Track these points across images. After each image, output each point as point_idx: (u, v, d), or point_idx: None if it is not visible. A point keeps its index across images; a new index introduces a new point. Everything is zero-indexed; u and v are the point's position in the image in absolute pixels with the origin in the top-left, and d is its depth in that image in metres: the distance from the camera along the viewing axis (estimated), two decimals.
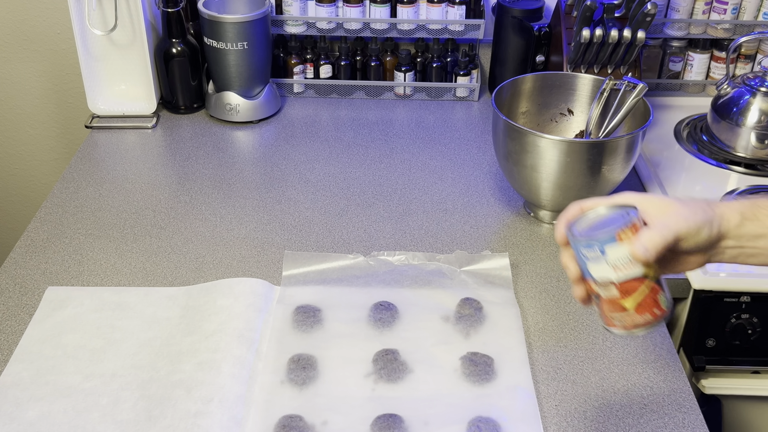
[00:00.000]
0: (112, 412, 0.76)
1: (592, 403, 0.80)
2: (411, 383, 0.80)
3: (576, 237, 0.62)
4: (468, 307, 0.89)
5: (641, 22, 1.17)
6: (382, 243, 1.03)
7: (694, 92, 1.44)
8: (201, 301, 0.90)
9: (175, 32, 1.27)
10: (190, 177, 1.17)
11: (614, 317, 0.61)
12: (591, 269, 0.61)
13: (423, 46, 1.40)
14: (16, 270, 0.97)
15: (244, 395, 0.78)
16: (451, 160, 1.23)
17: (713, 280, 0.98)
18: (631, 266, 0.60)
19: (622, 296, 0.60)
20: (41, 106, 1.51)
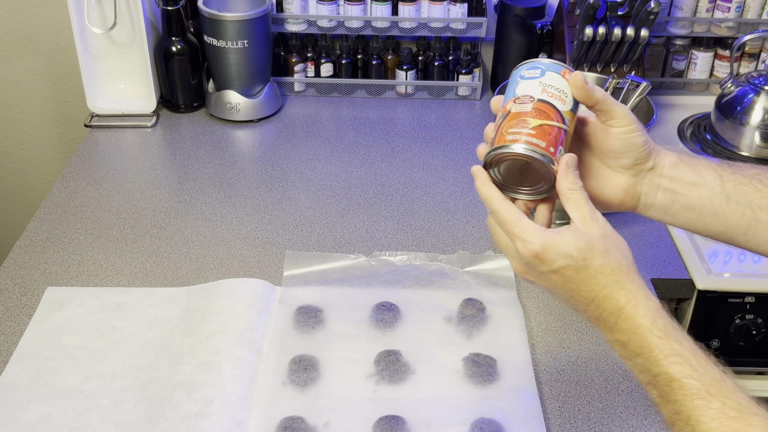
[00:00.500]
0: (113, 413, 0.76)
1: (596, 404, 0.80)
2: (413, 384, 0.80)
3: (522, 65, 0.62)
4: (470, 307, 0.89)
5: (644, 20, 1.16)
6: (384, 243, 1.02)
7: (698, 91, 1.43)
8: (202, 301, 0.90)
9: (175, 30, 1.27)
10: (190, 176, 1.17)
11: (510, 130, 0.60)
12: (519, 87, 0.61)
13: (425, 45, 1.40)
14: (16, 270, 0.96)
15: (245, 396, 0.78)
16: (453, 160, 1.22)
17: (717, 280, 0.97)
18: (558, 98, 0.60)
19: (533, 114, 0.60)
20: (40, 105, 1.51)
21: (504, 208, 0.59)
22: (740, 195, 0.63)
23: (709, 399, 0.51)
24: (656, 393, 0.54)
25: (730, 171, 0.64)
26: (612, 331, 0.57)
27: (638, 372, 0.56)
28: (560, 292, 0.59)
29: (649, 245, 1.03)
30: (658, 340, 0.54)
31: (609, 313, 0.57)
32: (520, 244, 0.58)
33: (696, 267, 0.99)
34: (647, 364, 0.54)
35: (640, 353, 0.55)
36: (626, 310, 0.56)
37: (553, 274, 0.58)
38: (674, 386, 0.52)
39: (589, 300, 0.57)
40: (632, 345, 0.55)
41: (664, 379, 0.53)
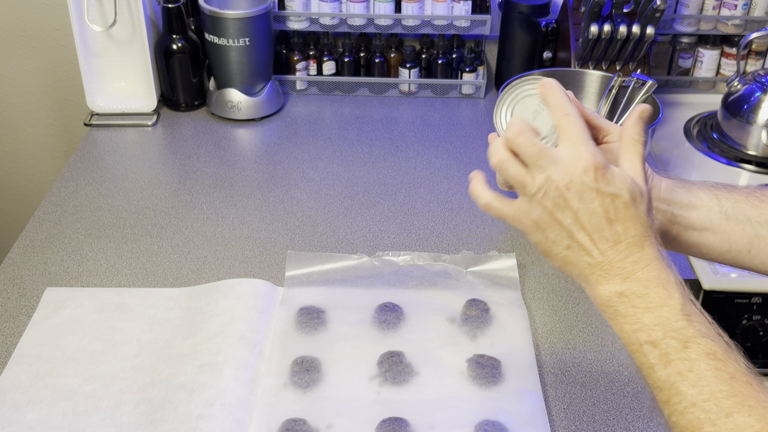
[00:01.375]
0: (113, 415, 0.76)
1: (601, 406, 0.79)
2: (416, 386, 0.80)
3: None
4: (474, 308, 0.88)
5: (650, 17, 1.16)
6: (387, 243, 1.02)
7: (704, 89, 1.43)
8: (202, 302, 0.89)
9: (176, 28, 1.26)
10: (191, 176, 1.17)
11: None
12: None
13: (428, 42, 1.39)
14: (15, 271, 0.96)
15: (246, 398, 0.77)
16: (457, 159, 1.22)
17: (724, 280, 0.97)
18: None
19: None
20: (39, 104, 1.50)
21: (578, 119, 0.57)
22: (738, 212, 0.63)
23: (724, 362, 0.50)
24: (657, 352, 0.52)
25: (725, 190, 0.64)
26: (626, 280, 0.54)
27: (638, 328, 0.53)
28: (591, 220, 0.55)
29: None
30: (683, 298, 0.53)
31: (634, 260, 0.54)
32: (590, 153, 0.55)
33: (702, 267, 0.98)
34: (662, 318, 0.52)
35: (657, 306, 0.53)
36: (657, 261, 0.54)
37: (602, 196, 0.54)
38: (691, 344, 0.51)
39: (621, 238, 0.55)
40: (650, 297, 0.53)
41: (680, 335, 0.51)
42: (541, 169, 0.56)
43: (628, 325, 0.54)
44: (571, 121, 0.57)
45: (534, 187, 0.57)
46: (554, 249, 0.57)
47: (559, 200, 0.56)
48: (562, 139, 0.57)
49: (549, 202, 0.56)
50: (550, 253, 0.58)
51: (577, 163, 0.55)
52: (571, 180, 0.55)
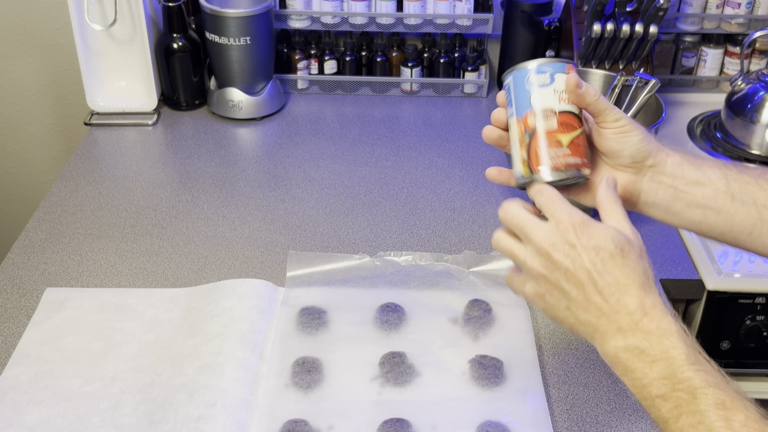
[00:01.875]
0: (113, 416, 0.76)
1: (605, 407, 0.79)
2: (418, 387, 0.80)
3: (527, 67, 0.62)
4: (477, 308, 0.88)
5: (653, 16, 1.16)
6: (389, 243, 1.02)
7: (708, 88, 1.43)
8: (203, 302, 0.89)
9: (176, 27, 1.26)
10: (191, 175, 1.16)
11: (546, 154, 0.62)
12: (534, 98, 0.62)
13: (430, 41, 1.39)
14: (14, 271, 0.96)
15: (247, 399, 0.77)
16: (459, 158, 1.22)
17: (727, 281, 0.97)
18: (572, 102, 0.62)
19: (560, 129, 0.61)
20: (39, 103, 1.50)
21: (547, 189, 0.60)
22: (745, 194, 0.63)
23: (734, 411, 0.50)
24: (668, 406, 0.52)
25: (736, 170, 0.64)
26: (627, 334, 0.55)
27: (648, 383, 0.53)
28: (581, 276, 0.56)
29: (659, 245, 1.02)
30: (686, 347, 0.53)
31: (630, 312, 0.55)
32: (566, 213, 0.57)
33: (706, 267, 0.98)
34: (670, 370, 0.52)
35: (663, 358, 0.53)
36: (655, 311, 0.54)
37: (588, 252, 0.56)
38: (699, 395, 0.51)
39: (612, 290, 0.55)
40: (654, 349, 0.53)
41: (688, 387, 0.51)
42: (526, 237, 0.59)
43: (638, 380, 0.54)
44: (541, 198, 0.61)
45: (524, 255, 0.59)
46: (558, 313, 0.59)
47: (548, 263, 0.58)
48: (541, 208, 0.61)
49: (540, 267, 0.58)
50: (557, 317, 0.60)
51: (556, 226, 0.57)
52: (554, 241, 0.57)
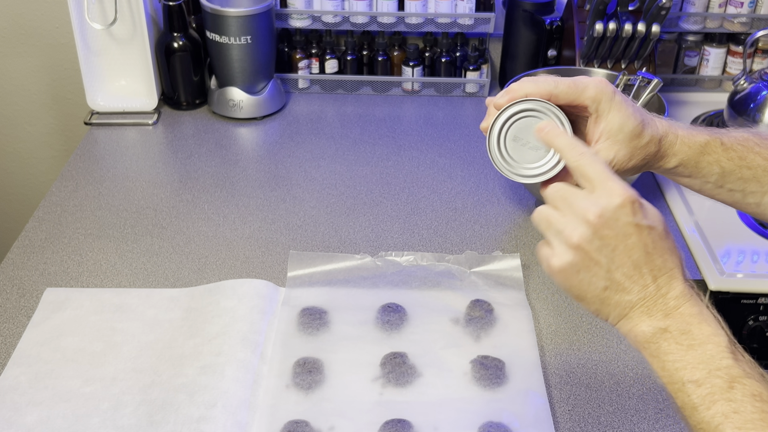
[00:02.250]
0: (113, 417, 0.76)
1: (606, 407, 0.79)
2: (420, 387, 0.79)
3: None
4: (478, 309, 0.88)
5: (656, 15, 1.16)
6: (390, 243, 1.01)
7: (710, 88, 1.42)
8: (204, 302, 0.89)
9: (177, 26, 1.26)
10: (192, 175, 1.16)
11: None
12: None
13: (431, 41, 1.39)
14: (14, 271, 0.96)
15: (248, 400, 0.77)
16: (461, 158, 1.21)
17: (730, 281, 0.96)
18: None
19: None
20: (39, 103, 1.50)
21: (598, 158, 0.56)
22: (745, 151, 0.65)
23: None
24: (702, 392, 0.50)
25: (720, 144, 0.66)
26: (669, 317, 0.53)
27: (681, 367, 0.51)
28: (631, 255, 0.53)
29: None
30: (726, 335, 0.52)
31: (676, 295, 0.53)
32: (620, 187, 0.53)
33: (708, 267, 0.97)
34: (709, 356, 0.51)
35: (704, 343, 0.51)
36: (694, 297, 0.53)
37: (640, 230, 0.53)
38: (736, 384, 0.49)
39: (662, 271, 0.53)
40: (694, 334, 0.52)
41: (726, 374, 0.50)
42: (570, 206, 0.55)
43: (671, 363, 0.52)
44: (587, 160, 0.56)
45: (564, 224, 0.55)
46: (590, 291, 0.55)
47: (594, 239, 0.54)
48: (583, 180, 0.56)
49: (582, 238, 0.54)
50: (585, 296, 0.56)
51: (610, 199, 0.53)
52: (608, 217, 0.53)
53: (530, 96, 0.61)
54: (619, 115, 0.61)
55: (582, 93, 0.61)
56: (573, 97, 0.61)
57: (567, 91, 0.61)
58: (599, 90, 0.61)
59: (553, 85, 0.61)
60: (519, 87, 0.61)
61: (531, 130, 0.62)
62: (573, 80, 0.61)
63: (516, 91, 0.61)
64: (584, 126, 0.64)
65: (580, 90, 0.61)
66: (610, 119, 0.61)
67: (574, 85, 0.61)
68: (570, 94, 0.61)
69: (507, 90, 0.63)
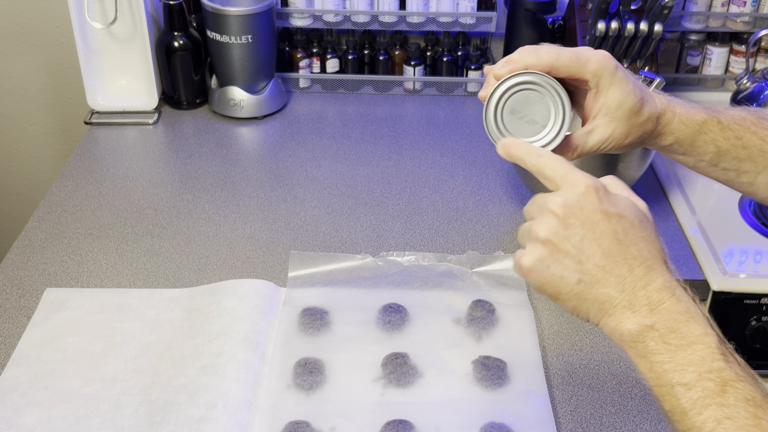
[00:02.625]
0: (113, 417, 0.75)
1: (609, 408, 0.79)
2: (421, 388, 0.79)
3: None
4: (480, 309, 0.88)
5: (658, 14, 1.16)
6: (391, 243, 1.01)
7: (713, 87, 1.42)
8: (204, 303, 0.89)
9: (177, 25, 1.25)
10: (192, 175, 1.16)
11: None
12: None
13: (433, 40, 1.39)
14: (14, 271, 0.95)
15: (249, 400, 0.77)
16: (463, 158, 1.21)
17: (733, 281, 0.96)
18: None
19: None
20: (39, 102, 1.50)
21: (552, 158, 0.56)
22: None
23: (764, 409, 0.46)
24: (693, 395, 0.47)
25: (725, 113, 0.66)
26: (653, 313, 0.49)
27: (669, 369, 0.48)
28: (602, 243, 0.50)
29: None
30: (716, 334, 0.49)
31: (658, 288, 0.50)
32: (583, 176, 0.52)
33: (711, 267, 0.97)
34: (699, 357, 0.47)
35: (693, 343, 0.48)
36: (680, 292, 0.50)
37: (608, 217, 0.50)
38: (729, 388, 0.46)
39: (639, 261, 0.50)
40: (683, 333, 0.48)
41: (718, 377, 0.47)
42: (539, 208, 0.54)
43: (659, 364, 0.49)
44: (545, 161, 0.56)
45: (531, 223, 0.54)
46: (563, 287, 0.52)
47: (560, 230, 0.52)
48: (548, 182, 0.56)
49: (549, 231, 0.52)
50: (560, 293, 0.53)
51: (573, 189, 0.52)
52: (572, 206, 0.52)
53: (531, 68, 0.60)
54: (620, 91, 0.60)
55: (584, 66, 0.60)
56: (574, 71, 0.60)
57: (568, 64, 0.59)
58: (601, 64, 0.60)
59: (555, 57, 0.59)
60: (519, 58, 0.60)
61: (529, 103, 0.61)
62: (575, 52, 0.60)
63: (516, 62, 0.60)
64: (583, 99, 0.63)
65: (582, 63, 0.60)
66: (610, 95, 0.60)
67: (576, 57, 0.60)
68: (571, 67, 0.59)
69: (507, 60, 0.61)
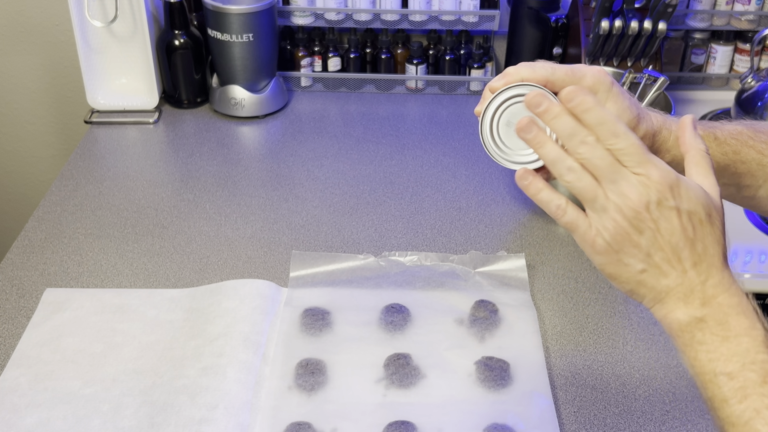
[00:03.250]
0: (114, 418, 0.75)
1: (612, 409, 0.78)
2: (424, 389, 0.79)
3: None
4: (483, 309, 0.87)
5: (662, 13, 1.15)
6: (393, 243, 1.01)
7: (718, 86, 1.42)
8: (205, 303, 0.88)
9: (178, 23, 1.25)
10: (193, 174, 1.15)
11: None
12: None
13: (435, 38, 1.38)
14: (14, 271, 0.95)
15: (250, 401, 0.77)
16: (465, 157, 1.20)
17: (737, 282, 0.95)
18: None
19: None
20: (39, 101, 1.50)
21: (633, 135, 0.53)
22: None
23: None
24: (734, 385, 0.49)
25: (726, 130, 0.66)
26: (706, 305, 0.51)
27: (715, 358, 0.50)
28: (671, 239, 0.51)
29: None
30: (764, 328, 0.50)
31: (715, 284, 0.51)
32: (660, 170, 0.51)
33: None
34: (745, 348, 0.49)
35: (741, 335, 0.50)
36: (734, 286, 0.52)
37: (680, 214, 0.51)
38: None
39: (702, 257, 0.52)
40: (731, 325, 0.50)
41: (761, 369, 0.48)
42: (614, 184, 0.53)
43: (704, 354, 0.51)
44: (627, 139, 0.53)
45: (608, 203, 0.53)
46: (626, 272, 0.54)
47: (635, 220, 0.52)
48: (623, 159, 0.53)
49: (625, 222, 0.52)
50: (620, 276, 0.54)
51: (649, 183, 0.52)
52: (648, 200, 0.52)
53: (526, 81, 0.59)
54: (615, 106, 0.60)
55: (579, 81, 0.59)
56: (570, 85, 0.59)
57: (564, 78, 0.59)
58: (597, 80, 0.60)
59: (551, 71, 0.59)
60: (515, 71, 0.60)
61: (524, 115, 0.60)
62: (571, 68, 0.60)
63: (512, 75, 0.60)
64: None
65: (578, 78, 0.59)
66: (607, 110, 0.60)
67: (572, 72, 0.60)
68: (567, 81, 0.59)
69: (503, 74, 0.61)
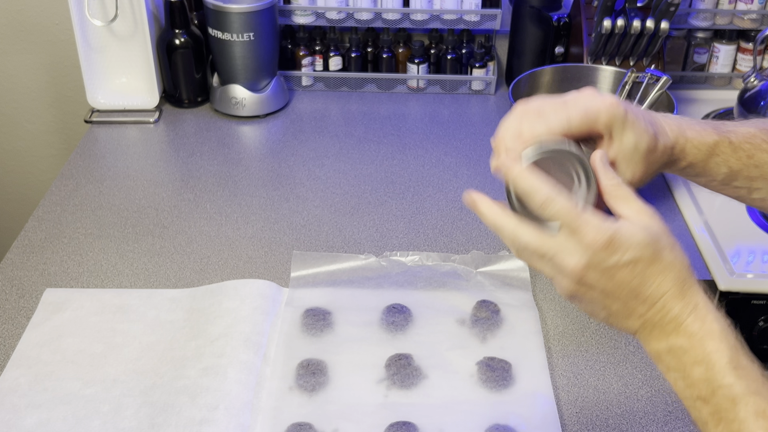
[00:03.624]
0: (114, 419, 0.75)
1: (615, 410, 0.78)
2: (425, 389, 0.79)
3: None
4: (484, 309, 0.87)
5: (665, 12, 1.15)
6: (395, 243, 1.01)
7: (720, 85, 1.41)
8: (206, 303, 0.88)
9: (179, 22, 1.25)
10: (194, 174, 1.15)
11: None
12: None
13: (437, 37, 1.38)
14: (13, 271, 0.95)
15: (251, 402, 0.77)
16: (467, 156, 1.20)
17: (740, 281, 0.95)
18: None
19: None
20: (39, 100, 1.50)
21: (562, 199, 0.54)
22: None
23: None
24: (709, 409, 0.51)
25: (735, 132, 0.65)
26: (670, 336, 0.53)
27: (687, 384, 0.52)
28: (620, 294, 0.54)
29: None
30: (729, 350, 0.51)
31: (674, 316, 0.53)
32: (592, 231, 0.53)
33: (718, 267, 0.96)
34: (710, 374, 0.51)
35: (704, 361, 0.51)
36: (698, 311, 0.53)
37: (622, 268, 0.53)
38: (739, 403, 0.50)
39: (655, 298, 0.53)
40: (696, 351, 0.52)
41: (728, 393, 0.50)
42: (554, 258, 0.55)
43: (681, 381, 0.53)
44: (553, 207, 0.54)
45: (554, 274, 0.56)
46: (595, 315, 0.57)
47: (580, 285, 0.55)
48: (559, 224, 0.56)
49: (574, 285, 0.55)
50: (593, 316, 0.58)
51: (585, 247, 0.53)
52: (588, 263, 0.53)
53: (544, 141, 0.58)
54: (633, 135, 0.60)
55: (595, 123, 0.59)
56: (587, 130, 0.59)
57: (580, 126, 0.59)
58: (611, 115, 0.59)
59: (566, 123, 0.59)
60: (530, 129, 0.59)
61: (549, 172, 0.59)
62: (585, 110, 0.59)
63: (528, 138, 0.59)
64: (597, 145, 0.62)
65: (593, 120, 0.59)
66: (624, 141, 0.60)
67: (586, 116, 0.59)
68: (584, 128, 0.59)
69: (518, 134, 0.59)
